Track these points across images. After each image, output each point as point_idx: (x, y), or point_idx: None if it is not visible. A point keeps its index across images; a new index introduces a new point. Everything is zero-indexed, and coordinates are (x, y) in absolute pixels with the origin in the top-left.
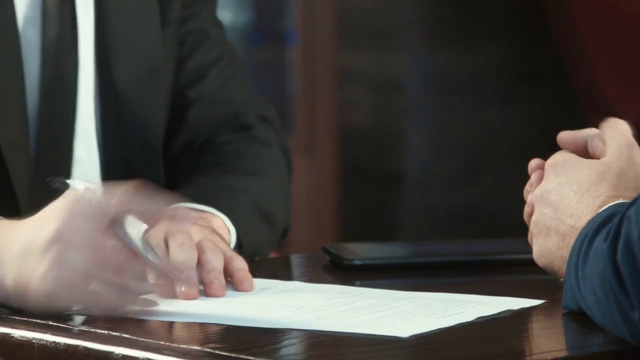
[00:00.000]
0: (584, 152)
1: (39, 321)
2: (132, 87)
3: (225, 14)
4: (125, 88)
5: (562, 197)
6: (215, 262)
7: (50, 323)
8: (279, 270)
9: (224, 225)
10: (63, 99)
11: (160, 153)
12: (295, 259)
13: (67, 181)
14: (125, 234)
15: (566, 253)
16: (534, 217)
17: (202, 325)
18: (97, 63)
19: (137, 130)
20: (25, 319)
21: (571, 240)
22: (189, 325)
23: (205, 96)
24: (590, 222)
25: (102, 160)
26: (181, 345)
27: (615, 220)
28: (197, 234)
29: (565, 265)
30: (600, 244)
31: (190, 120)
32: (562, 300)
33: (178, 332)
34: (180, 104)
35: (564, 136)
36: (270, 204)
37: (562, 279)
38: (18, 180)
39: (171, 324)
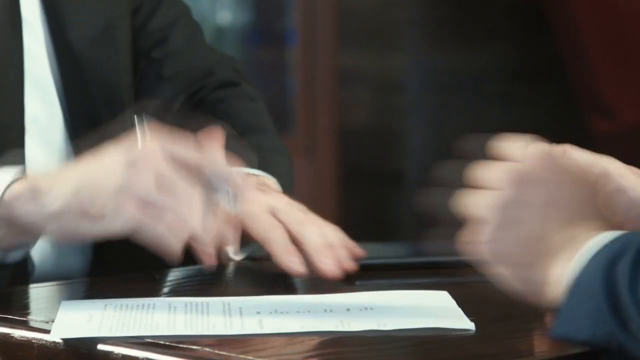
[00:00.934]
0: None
1: (39, 321)
2: (87, 45)
3: (225, 14)
4: (81, 47)
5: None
6: None
7: (51, 323)
8: (278, 270)
9: (277, 188)
10: (8, 57)
11: (126, 109)
12: None
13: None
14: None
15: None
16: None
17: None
18: (49, 23)
19: (100, 87)
20: (25, 319)
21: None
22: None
23: (175, 52)
24: (612, 244)
25: (68, 119)
26: (181, 345)
27: None
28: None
29: (552, 290)
30: None
31: (165, 77)
32: (553, 328)
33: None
34: (149, 66)
35: (536, 150)
36: (286, 154)
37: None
38: None
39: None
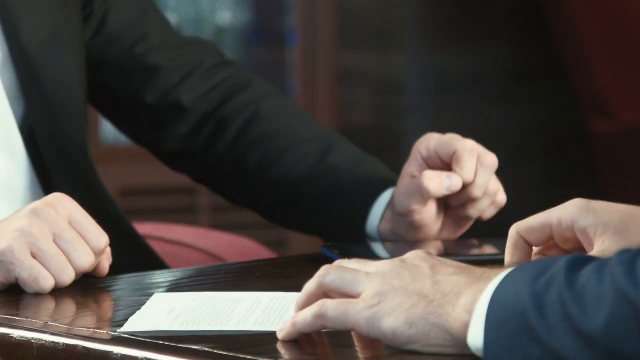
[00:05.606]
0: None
1: (38, 321)
2: (40, 48)
3: (225, 14)
4: (34, 50)
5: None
6: None
7: (50, 323)
8: (277, 271)
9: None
10: None
11: (83, 109)
12: (294, 260)
13: None
14: None
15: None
16: (378, 283)
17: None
18: (2, 27)
19: (56, 91)
20: (25, 319)
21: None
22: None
23: (161, 44)
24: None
25: (27, 124)
26: (180, 345)
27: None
28: None
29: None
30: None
31: (161, 68)
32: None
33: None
34: (136, 60)
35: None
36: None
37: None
38: None
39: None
